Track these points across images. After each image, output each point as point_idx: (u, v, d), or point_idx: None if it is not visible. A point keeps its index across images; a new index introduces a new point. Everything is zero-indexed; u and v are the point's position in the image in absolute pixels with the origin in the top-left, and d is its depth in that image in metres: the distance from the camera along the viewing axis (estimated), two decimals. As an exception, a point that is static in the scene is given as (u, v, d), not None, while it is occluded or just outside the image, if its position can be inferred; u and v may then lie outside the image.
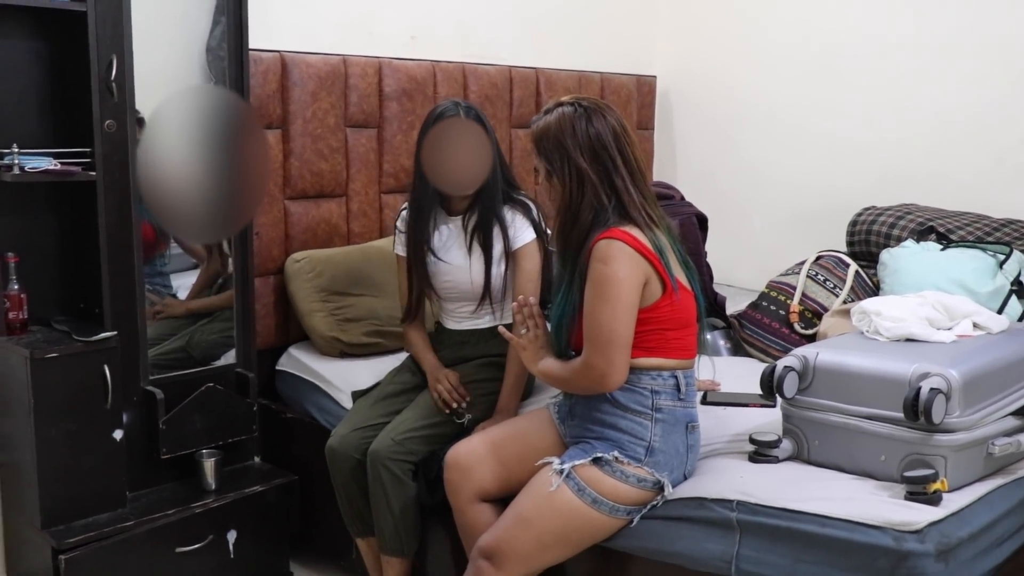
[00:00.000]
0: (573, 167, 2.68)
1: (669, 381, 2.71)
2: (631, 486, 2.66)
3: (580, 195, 2.69)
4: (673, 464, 2.70)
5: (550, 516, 2.68)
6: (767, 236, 5.27)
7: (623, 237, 2.61)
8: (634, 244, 2.61)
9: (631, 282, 2.60)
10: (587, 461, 2.67)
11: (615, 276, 2.59)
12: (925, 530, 2.32)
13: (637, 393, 2.69)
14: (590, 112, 2.71)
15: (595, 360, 2.63)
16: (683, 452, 2.73)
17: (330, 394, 3.69)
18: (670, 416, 2.70)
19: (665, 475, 2.68)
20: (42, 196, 3.31)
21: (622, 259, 2.60)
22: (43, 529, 3.15)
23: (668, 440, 2.69)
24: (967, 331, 2.87)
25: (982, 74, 4.50)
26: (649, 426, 2.68)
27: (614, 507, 2.66)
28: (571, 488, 2.65)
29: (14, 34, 3.22)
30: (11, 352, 3.16)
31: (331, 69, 4.04)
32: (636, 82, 5.50)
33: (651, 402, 2.69)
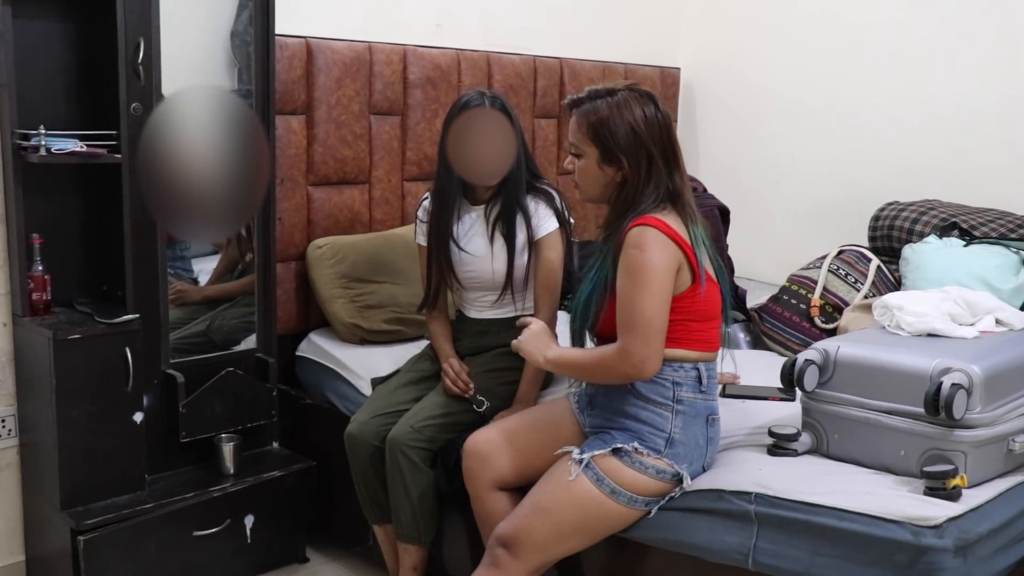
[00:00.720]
0: (643, 151, 2.68)
1: (691, 373, 2.70)
2: (650, 477, 2.66)
3: (647, 178, 2.69)
4: (692, 456, 2.70)
5: (568, 505, 2.68)
6: (789, 230, 5.25)
7: (657, 224, 2.61)
8: (667, 231, 2.61)
9: (666, 269, 2.59)
10: (607, 451, 2.67)
11: (650, 262, 2.58)
12: (944, 525, 2.31)
13: (659, 384, 2.68)
14: (654, 99, 2.75)
15: (634, 347, 2.59)
16: (703, 444, 2.72)
17: (350, 381, 3.69)
18: (691, 408, 2.69)
19: (684, 467, 2.67)
20: (67, 178, 3.32)
21: (657, 245, 2.59)
22: (62, 510, 3.17)
23: (688, 432, 2.69)
24: (989, 327, 2.86)
25: (1006, 70, 4.48)
26: (670, 417, 2.68)
27: (632, 498, 2.66)
28: (590, 478, 2.65)
29: (43, 16, 3.23)
30: (34, 333, 3.18)
31: (356, 56, 4.04)
32: (660, 74, 5.49)
33: (672, 394, 2.68)
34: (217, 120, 3.08)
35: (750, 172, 5.41)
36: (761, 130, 5.38)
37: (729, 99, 5.54)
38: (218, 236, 3.61)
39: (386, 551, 3.40)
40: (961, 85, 4.60)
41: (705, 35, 5.63)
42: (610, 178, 2.73)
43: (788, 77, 5.24)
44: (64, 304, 3.35)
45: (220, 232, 3.50)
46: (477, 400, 3.19)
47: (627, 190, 2.71)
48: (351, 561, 3.77)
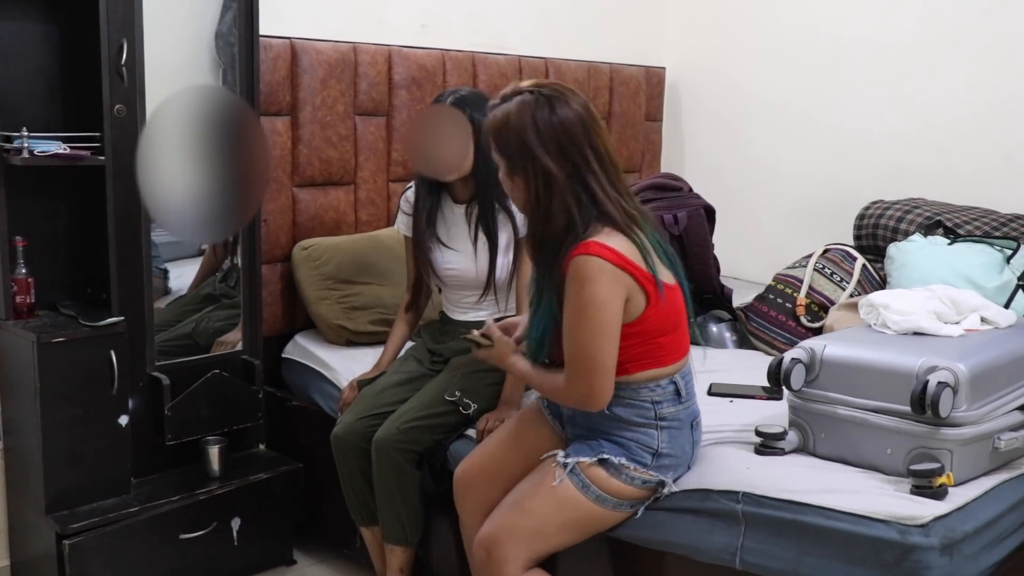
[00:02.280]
0: (538, 166, 2.46)
1: (668, 388, 2.63)
2: (636, 487, 2.63)
3: (548, 197, 2.48)
4: (679, 463, 2.68)
5: (552, 508, 2.64)
6: (774, 229, 5.25)
7: (601, 252, 2.42)
8: (614, 259, 2.43)
9: (613, 303, 2.44)
10: (594, 461, 2.61)
11: (595, 299, 2.42)
12: (930, 524, 2.32)
13: (638, 407, 2.61)
14: (553, 100, 2.48)
15: (577, 385, 2.52)
16: (688, 450, 2.70)
17: (336, 382, 3.68)
18: (675, 421, 2.64)
19: (670, 475, 2.66)
20: (51, 180, 3.31)
21: (601, 279, 2.42)
22: (47, 514, 3.16)
23: (675, 443, 2.64)
24: (975, 325, 2.87)
25: (991, 69, 4.49)
26: (655, 434, 2.62)
27: (618, 503, 2.64)
28: (575, 484, 2.61)
29: (25, 17, 3.22)
30: (18, 336, 3.16)
31: (341, 56, 4.03)
32: (645, 74, 5.49)
33: (654, 413, 2.61)
34: (215, 118, 3.09)
35: (735, 171, 5.41)
36: (746, 129, 5.38)
37: (715, 99, 5.54)
38: (221, 235, 3.59)
39: (373, 553, 3.40)
40: (946, 84, 4.62)
41: (691, 35, 5.64)
42: (521, 192, 2.55)
43: (774, 76, 5.25)
44: (48, 307, 3.33)
45: (223, 231, 3.48)
46: (464, 403, 3.18)
47: (538, 210, 2.52)
48: (338, 563, 3.77)
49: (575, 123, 2.48)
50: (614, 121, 5.29)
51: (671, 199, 4.04)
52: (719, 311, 4.08)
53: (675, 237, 3.94)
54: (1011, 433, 2.61)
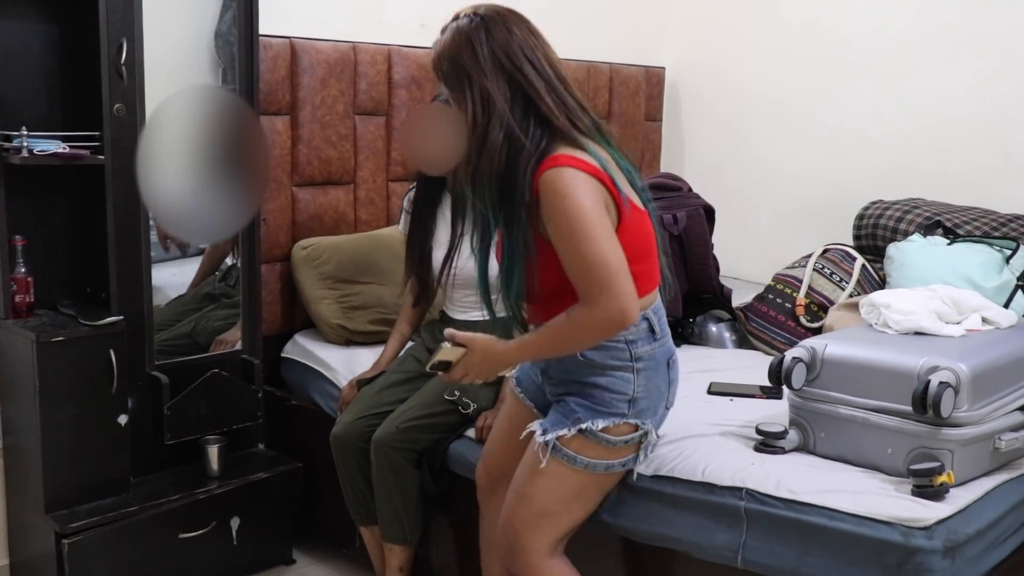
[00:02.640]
0: (476, 88, 2.38)
1: (642, 325, 2.50)
2: (619, 447, 2.53)
3: (486, 119, 2.38)
4: (656, 405, 2.57)
5: (549, 489, 2.56)
6: (774, 229, 5.25)
7: (570, 162, 2.33)
8: (585, 168, 2.34)
9: (597, 207, 2.33)
10: (572, 433, 2.51)
11: (582, 204, 2.31)
12: (933, 527, 2.31)
13: (612, 348, 2.48)
14: (488, 22, 2.43)
15: (604, 300, 2.32)
16: (664, 390, 2.58)
17: (335, 382, 3.68)
18: (651, 362, 2.52)
19: (648, 421, 2.54)
20: (50, 179, 3.30)
21: (582, 186, 2.32)
22: (46, 513, 3.16)
23: (650, 385, 2.53)
24: (976, 325, 2.87)
25: (990, 69, 4.49)
26: (631, 378, 2.50)
27: (609, 465, 2.55)
28: (562, 459, 2.52)
29: (25, 17, 3.22)
30: (17, 335, 3.16)
31: (340, 56, 4.03)
32: (645, 73, 5.49)
33: (629, 354, 2.49)
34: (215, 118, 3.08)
35: (735, 171, 5.41)
36: (746, 129, 5.38)
37: (714, 98, 5.54)
38: (222, 235, 3.57)
39: (373, 552, 3.40)
40: (945, 84, 4.62)
41: (690, 35, 5.64)
42: (463, 119, 2.44)
43: (773, 76, 5.25)
44: (48, 306, 3.33)
45: (223, 231, 3.47)
46: (463, 402, 3.18)
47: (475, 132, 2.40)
48: (337, 563, 3.76)
49: (512, 42, 2.41)
50: (614, 121, 5.29)
51: (671, 199, 4.04)
52: (719, 311, 4.07)
53: (675, 237, 3.94)
54: (1012, 433, 2.61)
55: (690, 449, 2.76)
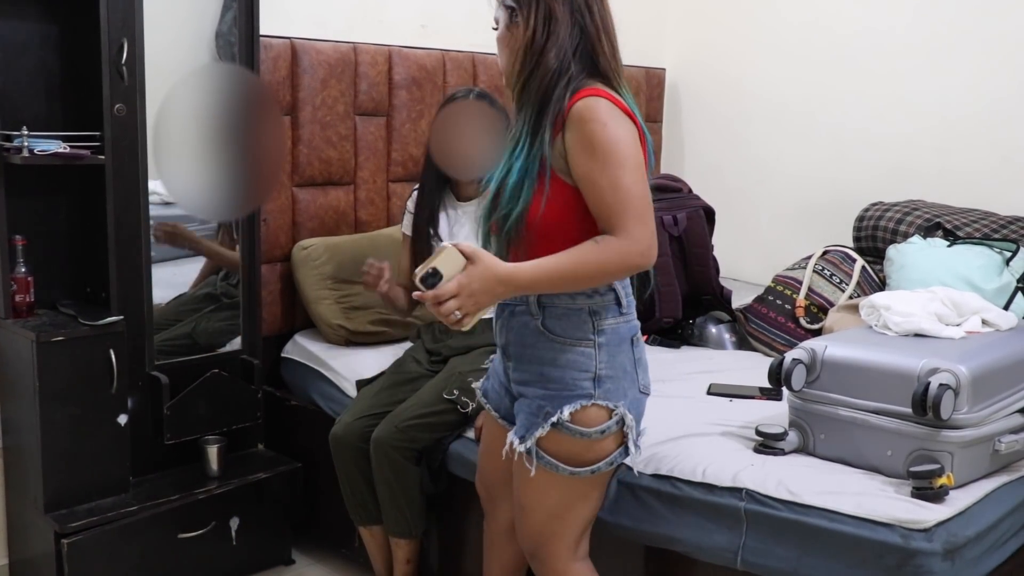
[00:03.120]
0: (543, 8, 2.35)
1: (609, 296, 2.42)
2: (596, 440, 2.42)
3: (545, 36, 2.35)
4: (625, 386, 2.45)
5: (546, 495, 2.51)
6: (774, 230, 5.25)
7: (610, 97, 2.32)
8: (621, 107, 2.33)
9: (636, 144, 2.31)
10: (545, 431, 2.41)
11: (620, 136, 2.28)
12: (933, 529, 2.31)
13: (574, 317, 2.40)
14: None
15: (638, 232, 2.26)
16: (631, 369, 2.47)
17: (335, 382, 3.68)
18: (613, 336, 2.43)
19: (620, 403, 2.42)
20: (50, 179, 3.31)
21: (620, 119, 2.30)
22: (46, 513, 3.16)
23: (614, 362, 2.42)
24: (976, 327, 2.87)
25: (990, 71, 4.49)
26: (593, 354, 2.40)
27: (595, 469, 2.45)
28: (546, 467, 2.44)
29: (25, 16, 3.22)
30: (17, 335, 3.16)
31: (341, 56, 4.03)
32: (645, 74, 5.49)
33: (591, 326, 2.40)
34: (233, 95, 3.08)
35: (735, 172, 5.41)
36: (746, 130, 5.38)
37: (714, 99, 5.54)
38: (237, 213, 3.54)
39: (372, 552, 3.40)
40: (945, 86, 4.62)
41: (690, 36, 5.64)
42: (518, 37, 2.40)
43: (773, 77, 5.25)
44: (48, 306, 3.33)
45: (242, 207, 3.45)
46: (462, 401, 3.18)
47: (533, 48, 2.36)
48: (337, 563, 3.77)
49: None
50: (613, 122, 5.28)
51: (671, 200, 4.04)
52: (718, 312, 4.07)
53: (675, 238, 3.94)
54: (1012, 436, 2.61)
55: (690, 449, 2.77)
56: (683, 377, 3.44)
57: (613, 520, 2.77)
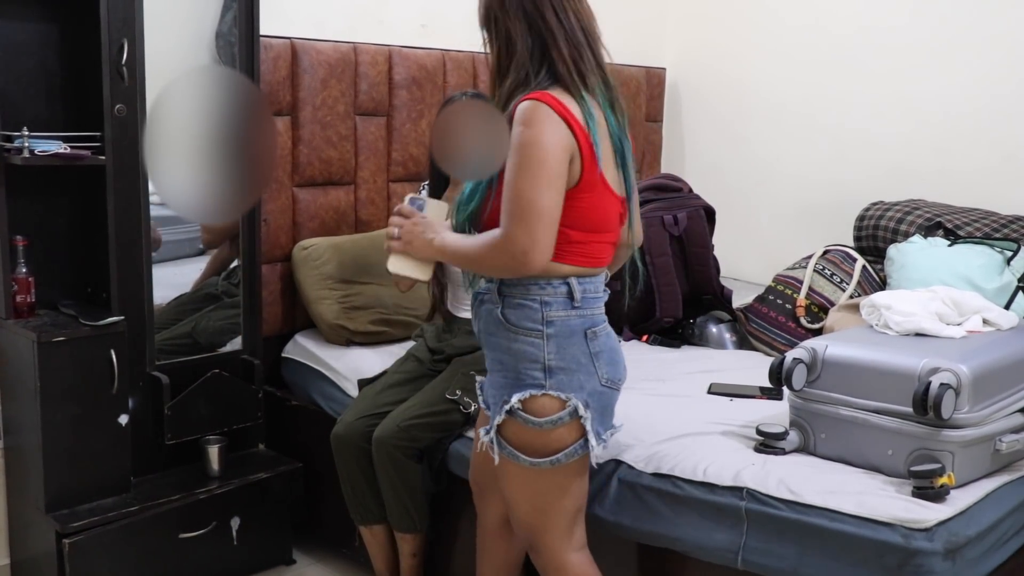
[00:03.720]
0: (503, 29, 2.48)
1: (560, 289, 2.46)
2: (548, 430, 2.45)
3: (508, 55, 2.49)
4: (580, 379, 2.46)
5: (521, 487, 2.56)
6: (774, 230, 5.25)
7: (549, 101, 2.37)
8: (561, 111, 2.37)
9: (556, 152, 2.35)
10: (502, 418, 2.47)
11: (539, 140, 2.34)
12: (934, 528, 2.32)
13: (526, 307, 2.46)
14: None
15: (515, 233, 2.33)
16: (587, 362, 2.48)
17: (335, 382, 3.68)
18: (563, 328, 2.46)
19: (573, 395, 2.45)
20: (51, 180, 3.31)
21: (548, 124, 2.35)
22: (47, 513, 3.16)
23: (565, 354, 2.45)
24: (977, 327, 2.87)
25: (991, 70, 4.49)
26: (541, 344, 2.44)
27: (554, 460, 2.47)
28: (508, 456, 2.50)
29: (26, 17, 3.22)
30: (18, 335, 3.16)
31: (341, 56, 4.03)
32: (645, 74, 5.49)
33: (541, 316, 2.45)
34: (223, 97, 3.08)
35: (736, 172, 5.41)
36: (747, 130, 5.38)
37: (715, 99, 5.54)
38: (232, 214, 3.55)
39: (372, 552, 3.40)
40: (946, 85, 4.62)
41: (691, 36, 5.64)
42: (492, 59, 2.56)
43: (774, 77, 5.25)
44: (48, 306, 3.33)
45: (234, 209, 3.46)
46: (464, 402, 3.18)
47: (499, 68, 2.52)
48: (337, 563, 3.76)
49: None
50: (614, 121, 5.29)
51: (671, 200, 4.04)
52: (719, 312, 4.08)
53: (675, 238, 3.94)
54: (1012, 435, 2.62)
55: (690, 449, 2.77)
56: (684, 377, 3.45)
57: (614, 519, 2.78)
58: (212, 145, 3.05)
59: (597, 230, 2.49)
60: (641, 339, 3.98)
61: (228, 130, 3.03)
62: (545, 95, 2.39)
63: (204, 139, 3.02)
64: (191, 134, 3.00)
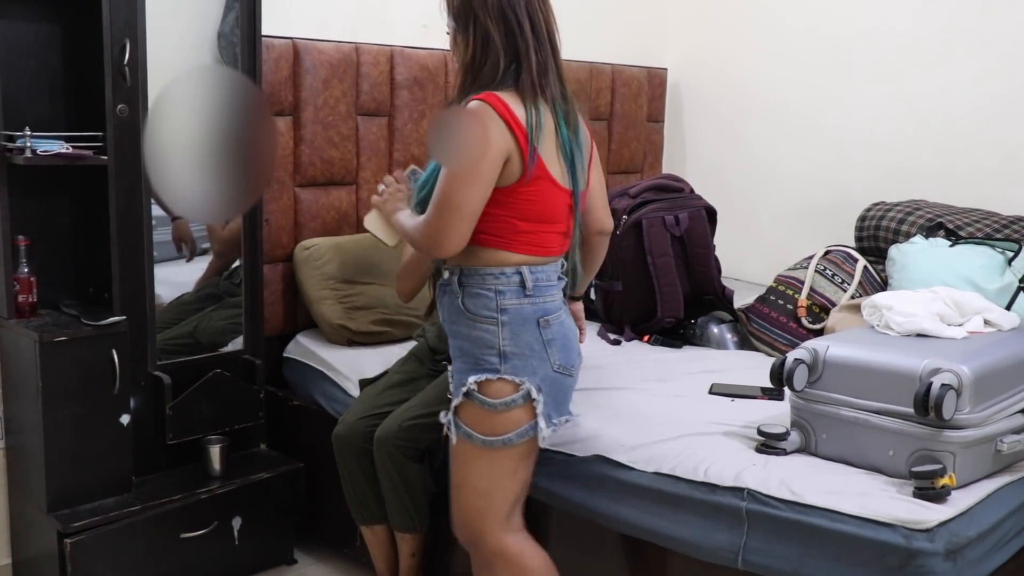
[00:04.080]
0: (480, 27, 2.58)
1: (513, 279, 2.59)
2: (502, 411, 2.59)
3: (484, 56, 2.60)
4: (533, 364, 2.60)
5: (469, 468, 2.68)
6: (775, 230, 5.25)
7: (493, 101, 2.51)
8: (503, 111, 2.51)
9: (491, 149, 2.49)
10: (461, 399, 2.62)
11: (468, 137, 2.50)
12: (935, 529, 2.31)
13: (483, 296, 2.60)
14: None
15: (432, 221, 2.54)
16: (539, 349, 2.61)
17: (337, 382, 3.68)
18: (516, 316, 2.59)
19: (526, 379, 2.59)
20: (53, 180, 3.31)
21: (483, 123, 2.50)
22: (49, 513, 3.16)
23: (519, 341, 2.59)
24: (978, 327, 2.87)
25: (992, 70, 4.49)
26: (496, 331, 2.59)
27: (506, 440, 2.61)
28: (463, 437, 2.64)
29: (28, 17, 3.22)
30: (20, 335, 3.16)
31: (343, 57, 4.03)
32: (647, 74, 5.49)
33: (496, 304, 2.59)
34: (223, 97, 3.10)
35: (737, 172, 5.41)
36: (748, 130, 5.39)
37: (716, 99, 5.54)
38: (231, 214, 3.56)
39: (374, 552, 3.40)
40: (947, 85, 4.62)
41: (692, 36, 5.64)
42: (461, 52, 2.67)
43: (775, 78, 5.25)
44: (50, 306, 3.33)
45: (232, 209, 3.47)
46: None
47: (473, 65, 2.63)
48: (339, 562, 3.77)
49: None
50: (616, 122, 5.30)
51: (672, 200, 4.04)
52: (720, 312, 4.07)
53: (676, 238, 3.94)
54: (1014, 436, 2.61)
55: (691, 449, 2.77)
56: (685, 377, 3.44)
57: (614, 517, 2.78)
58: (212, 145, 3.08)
59: (544, 220, 2.61)
60: (643, 339, 3.98)
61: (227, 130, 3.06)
62: (492, 96, 2.53)
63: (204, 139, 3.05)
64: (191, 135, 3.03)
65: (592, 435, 2.94)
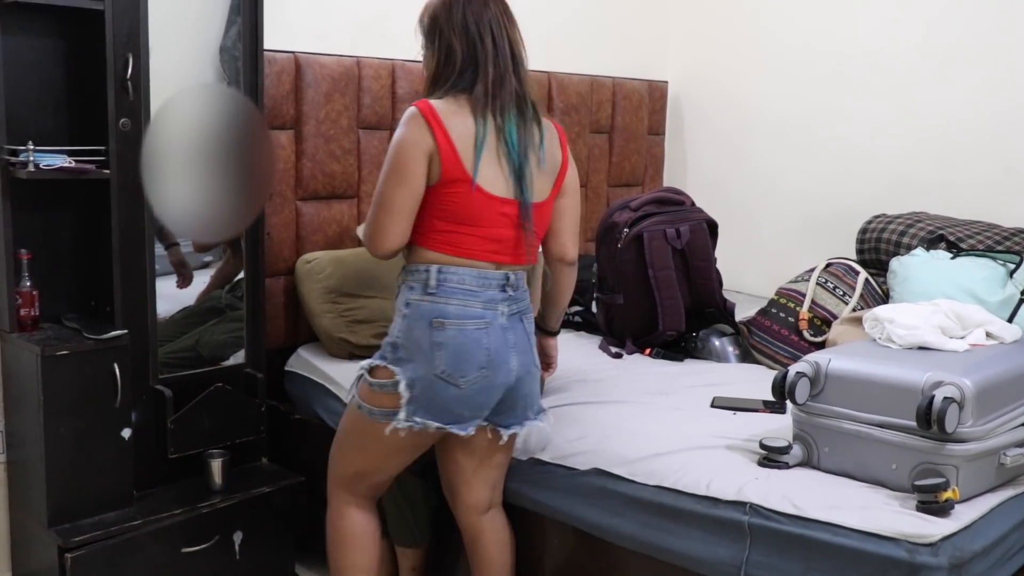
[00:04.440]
0: (444, 41, 2.75)
1: (421, 275, 2.73)
2: (376, 391, 2.76)
3: (447, 67, 2.76)
4: (416, 361, 2.70)
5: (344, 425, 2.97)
6: (777, 243, 5.26)
7: (424, 107, 2.68)
8: (427, 114, 2.67)
9: (411, 152, 2.66)
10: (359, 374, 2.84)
11: (398, 141, 2.69)
12: (939, 543, 2.31)
13: (403, 290, 2.79)
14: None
15: (370, 219, 2.76)
16: (427, 349, 2.70)
17: (339, 396, 3.68)
18: (415, 312, 2.72)
19: (400, 371, 2.71)
20: (56, 194, 3.31)
21: (409, 127, 2.67)
22: (49, 527, 3.15)
23: (410, 335, 2.72)
24: (980, 340, 2.87)
25: (992, 83, 4.50)
26: (399, 322, 2.76)
27: (371, 411, 2.77)
28: (351, 399, 2.87)
29: (32, 31, 3.22)
30: (22, 349, 3.16)
31: (345, 70, 4.04)
32: (648, 87, 5.50)
33: (405, 298, 2.76)
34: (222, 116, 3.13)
35: (738, 185, 5.42)
36: (749, 143, 5.39)
37: (717, 113, 5.55)
38: (228, 233, 3.58)
39: (374, 567, 3.41)
40: (947, 98, 4.62)
41: (693, 49, 5.65)
42: (430, 64, 2.83)
43: (775, 91, 5.26)
44: (52, 320, 3.33)
45: (229, 229, 3.49)
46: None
47: (437, 76, 2.79)
48: (340, 577, 3.76)
49: (484, 14, 2.75)
50: (616, 135, 5.30)
51: (673, 213, 4.04)
52: (722, 325, 4.07)
53: (678, 251, 3.94)
54: (1017, 449, 2.61)
55: (693, 462, 2.77)
56: (687, 390, 3.44)
57: (615, 531, 2.78)
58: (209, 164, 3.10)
59: (463, 222, 2.71)
60: (644, 352, 3.97)
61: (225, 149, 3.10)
62: (423, 102, 2.70)
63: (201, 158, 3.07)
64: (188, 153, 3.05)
65: (593, 448, 2.94)
